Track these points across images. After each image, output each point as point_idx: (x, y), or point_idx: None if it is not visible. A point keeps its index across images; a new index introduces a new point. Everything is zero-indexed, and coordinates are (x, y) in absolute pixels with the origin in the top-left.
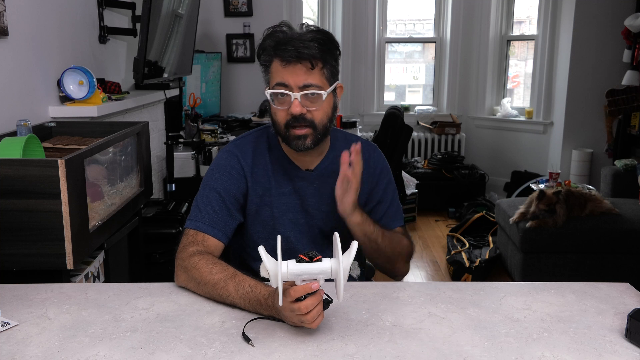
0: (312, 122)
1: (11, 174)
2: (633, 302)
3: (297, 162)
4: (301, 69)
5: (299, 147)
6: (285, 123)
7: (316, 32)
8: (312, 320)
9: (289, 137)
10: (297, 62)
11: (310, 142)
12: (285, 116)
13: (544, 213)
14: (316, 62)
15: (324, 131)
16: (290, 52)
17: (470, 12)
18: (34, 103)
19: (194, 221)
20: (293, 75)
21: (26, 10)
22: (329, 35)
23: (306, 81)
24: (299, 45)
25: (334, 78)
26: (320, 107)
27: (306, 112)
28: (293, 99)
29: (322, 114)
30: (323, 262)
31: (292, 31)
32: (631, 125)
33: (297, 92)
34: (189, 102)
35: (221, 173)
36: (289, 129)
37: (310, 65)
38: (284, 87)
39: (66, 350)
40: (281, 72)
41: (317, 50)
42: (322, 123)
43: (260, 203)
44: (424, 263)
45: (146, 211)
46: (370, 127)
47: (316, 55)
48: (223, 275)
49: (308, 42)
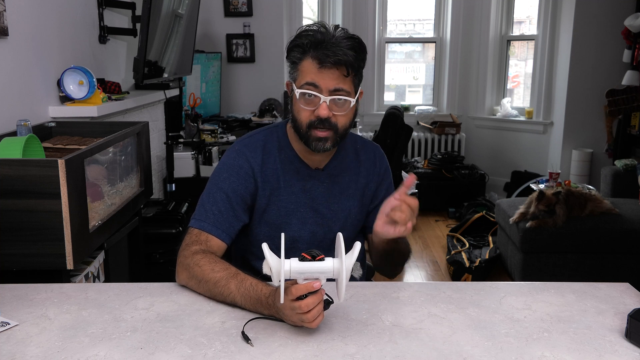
0: (336, 126)
1: (11, 174)
2: (633, 302)
3: (307, 161)
4: (335, 74)
5: (319, 148)
6: (309, 123)
7: (353, 40)
8: (312, 320)
9: (309, 137)
10: (334, 66)
11: (330, 145)
12: (310, 116)
13: (544, 214)
14: (352, 70)
15: (343, 135)
16: (329, 57)
17: (470, 12)
18: (34, 103)
19: (199, 220)
20: (326, 79)
21: (26, 10)
22: (362, 44)
23: (337, 86)
24: (339, 51)
25: (360, 85)
26: (346, 113)
27: (332, 116)
28: (322, 101)
29: (346, 120)
30: (326, 262)
31: (329, 33)
32: (631, 125)
33: (327, 96)
34: (189, 102)
35: (229, 173)
36: (311, 129)
37: (346, 72)
38: (314, 88)
39: (66, 350)
40: (314, 73)
41: (353, 58)
42: (344, 127)
43: (268, 202)
44: (424, 263)
45: (146, 211)
46: (370, 127)
47: (353, 63)
48: (225, 274)
49: (346, 49)
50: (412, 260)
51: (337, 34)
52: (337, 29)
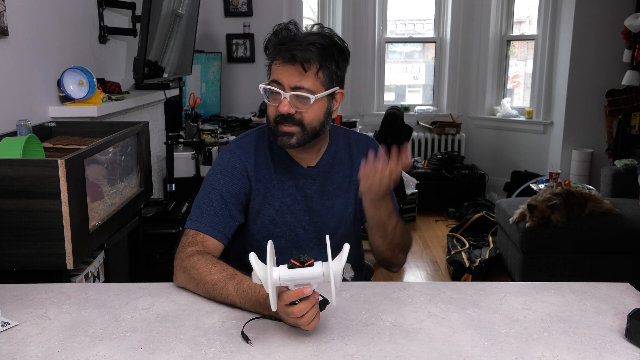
0: (301, 122)
1: (11, 174)
2: (633, 302)
3: (298, 159)
4: (295, 71)
5: (284, 144)
6: (274, 118)
7: (318, 36)
8: (307, 323)
9: (276, 132)
10: (291, 63)
11: (295, 141)
12: (275, 112)
13: (540, 223)
14: (309, 65)
15: (313, 133)
16: (285, 53)
17: (470, 12)
18: (34, 103)
19: (195, 221)
20: (287, 75)
21: (26, 10)
22: (332, 40)
23: (298, 83)
24: (295, 47)
25: (331, 83)
26: (310, 110)
27: (295, 112)
28: (282, 97)
29: (311, 116)
30: (314, 267)
31: (297, 31)
32: (631, 125)
33: (287, 92)
34: (189, 102)
35: (223, 174)
36: (277, 125)
37: (302, 68)
38: (277, 85)
39: (66, 350)
40: (277, 70)
41: (313, 54)
42: (312, 125)
43: (262, 202)
44: (424, 263)
45: (146, 211)
46: (370, 127)
47: (310, 58)
48: (222, 275)
49: (306, 45)
50: (412, 260)
51: (309, 31)
52: (313, 27)
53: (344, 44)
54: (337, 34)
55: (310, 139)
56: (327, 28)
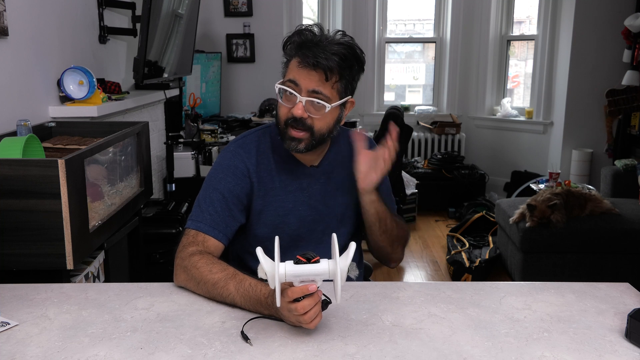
0: (311, 128)
1: (11, 174)
2: (633, 302)
3: (301, 159)
4: (315, 76)
5: (292, 148)
6: (285, 120)
7: (343, 46)
8: (310, 321)
9: (285, 135)
10: (313, 68)
11: (303, 147)
12: (287, 113)
13: (540, 223)
14: (331, 75)
15: (320, 140)
16: (309, 58)
17: (470, 12)
18: (34, 103)
19: (195, 221)
20: (306, 79)
21: (26, 10)
22: (354, 52)
23: (317, 88)
24: (320, 54)
25: (346, 92)
26: (322, 117)
27: (307, 117)
28: (298, 100)
29: (322, 124)
30: (321, 264)
31: (322, 36)
32: (631, 125)
33: (304, 96)
34: (189, 102)
35: (225, 173)
36: (287, 127)
37: (325, 76)
38: (293, 86)
39: (66, 350)
40: (296, 71)
41: (335, 64)
42: (321, 132)
43: (264, 202)
44: (424, 263)
45: (146, 211)
46: (370, 127)
47: (334, 68)
48: (223, 275)
49: (330, 53)
50: (412, 260)
51: (332, 37)
52: (336, 34)
53: (362, 55)
54: (357, 44)
55: (318, 145)
56: (349, 36)
